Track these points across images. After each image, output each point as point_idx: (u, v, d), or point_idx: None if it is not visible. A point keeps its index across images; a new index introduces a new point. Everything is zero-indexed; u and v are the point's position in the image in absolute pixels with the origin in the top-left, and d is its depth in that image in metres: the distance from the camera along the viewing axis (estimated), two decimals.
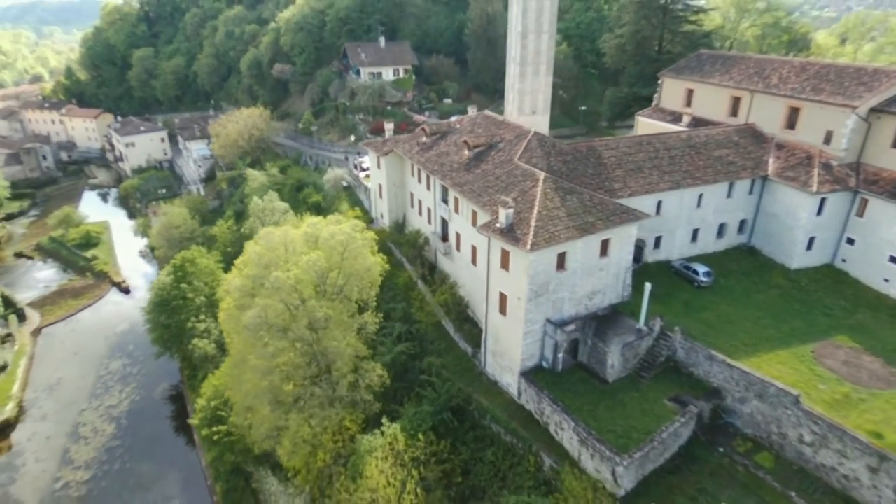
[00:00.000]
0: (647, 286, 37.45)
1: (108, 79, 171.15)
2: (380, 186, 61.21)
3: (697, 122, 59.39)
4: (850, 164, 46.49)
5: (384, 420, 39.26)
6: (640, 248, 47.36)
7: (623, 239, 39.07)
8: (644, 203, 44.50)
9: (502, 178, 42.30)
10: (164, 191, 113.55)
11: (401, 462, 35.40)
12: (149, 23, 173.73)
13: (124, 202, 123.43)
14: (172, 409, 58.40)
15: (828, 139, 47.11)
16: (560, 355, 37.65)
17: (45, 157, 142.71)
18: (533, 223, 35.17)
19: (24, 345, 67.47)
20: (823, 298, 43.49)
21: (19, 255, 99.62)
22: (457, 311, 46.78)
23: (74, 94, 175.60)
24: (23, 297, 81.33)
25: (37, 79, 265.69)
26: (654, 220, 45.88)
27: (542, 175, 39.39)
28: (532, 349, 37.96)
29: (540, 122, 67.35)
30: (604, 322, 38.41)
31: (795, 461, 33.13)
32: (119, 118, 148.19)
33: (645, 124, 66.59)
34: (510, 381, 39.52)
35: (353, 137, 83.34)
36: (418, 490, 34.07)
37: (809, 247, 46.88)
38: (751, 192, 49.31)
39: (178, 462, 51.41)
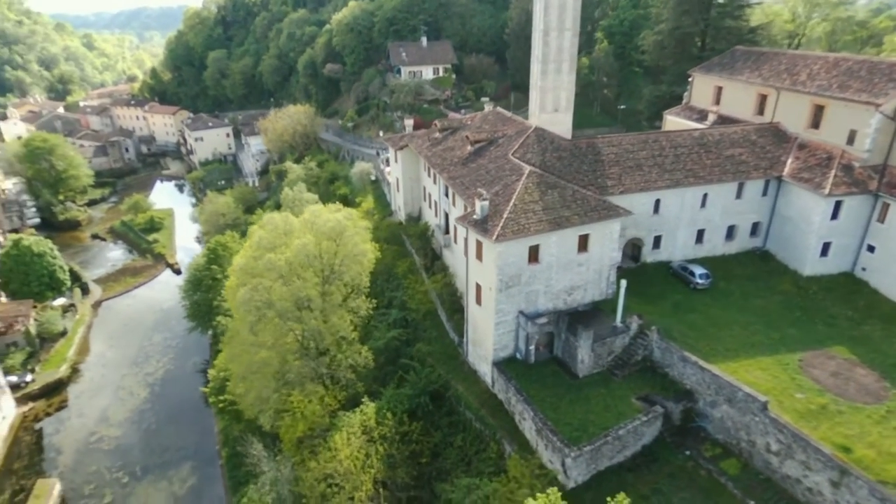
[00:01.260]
0: (623, 283, 37.12)
1: (187, 78, 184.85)
2: (397, 180, 63.39)
3: (724, 121, 57.07)
4: (874, 166, 43.40)
5: (365, 399, 41.28)
6: (638, 246, 46.71)
7: (604, 235, 38.82)
8: (639, 201, 43.85)
9: (492, 172, 43.11)
10: (223, 182, 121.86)
11: (370, 438, 37.21)
12: (224, 26, 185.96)
13: (194, 192, 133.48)
14: (201, 380, 63.29)
15: (851, 139, 44.26)
16: (531, 347, 38.05)
17: (127, 150, 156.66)
18: (505, 215, 35.87)
19: (85, 315, 75.45)
20: (830, 307, 41.02)
21: (95, 237, 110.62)
22: (450, 301, 48.03)
23: (157, 93, 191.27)
24: (91, 273, 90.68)
25: (132, 79, 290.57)
26: (652, 218, 45.19)
27: (527, 170, 39.85)
28: (505, 340, 38.59)
29: (563, 120, 66.99)
30: (579, 317, 38.38)
31: (763, 470, 31.85)
32: (191, 115, 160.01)
33: (672, 122, 64.74)
34: (486, 370, 40.31)
35: (381, 133, 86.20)
36: (381, 465, 35.74)
37: (825, 253, 44.21)
38: (765, 194, 47.11)
39: (197, 428, 55.91)
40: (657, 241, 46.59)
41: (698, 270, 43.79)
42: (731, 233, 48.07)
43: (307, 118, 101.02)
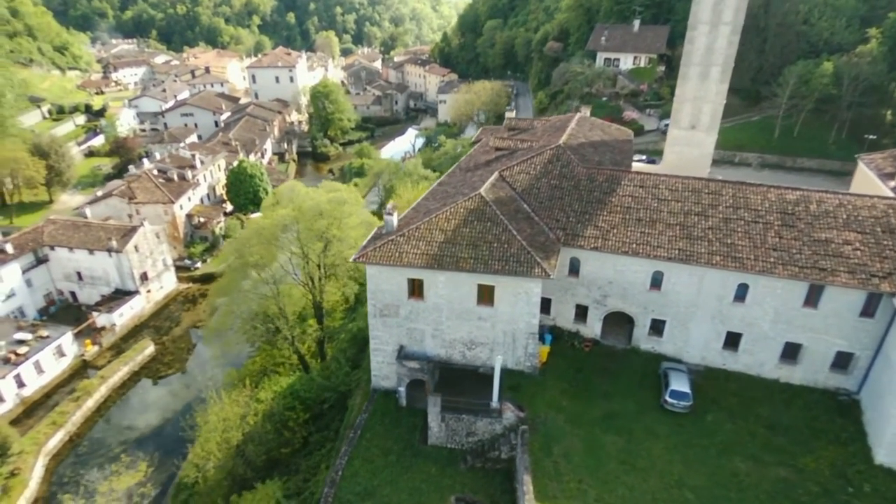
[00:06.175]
0: (499, 359, 29.19)
1: (467, 44, 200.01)
2: None
3: None
4: None
5: (293, 372, 43.08)
6: (631, 323, 35.15)
7: (516, 294, 30.71)
8: (629, 267, 32.78)
9: (467, 186, 37.76)
10: (436, 144, 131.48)
11: (254, 411, 39.13)
12: None
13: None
14: None
15: None
16: (401, 389, 33.55)
17: (396, 102, 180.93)
18: (390, 237, 31.75)
19: None
20: None
21: (330, 171, 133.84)
22: None
23: (444, 56, 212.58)
24: None
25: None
26: (648, 294, 33.39)
27: (478, 193, 33.73)
28: (386, 370, 34.82)
29: (702, 142, 51.72)
30: (456, 377, 31.95)
31: None
32: (445, 79, 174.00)
33: (862, 174, 44.05)
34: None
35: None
36: (239, 433, 37.42)
37: None
38: (867, 314, 29.41)
39: None
40: (657, 327, 34.05)
41: (675, 385, 30.78)
42: (792, 353, 31.74)
43: (489, 95, 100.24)
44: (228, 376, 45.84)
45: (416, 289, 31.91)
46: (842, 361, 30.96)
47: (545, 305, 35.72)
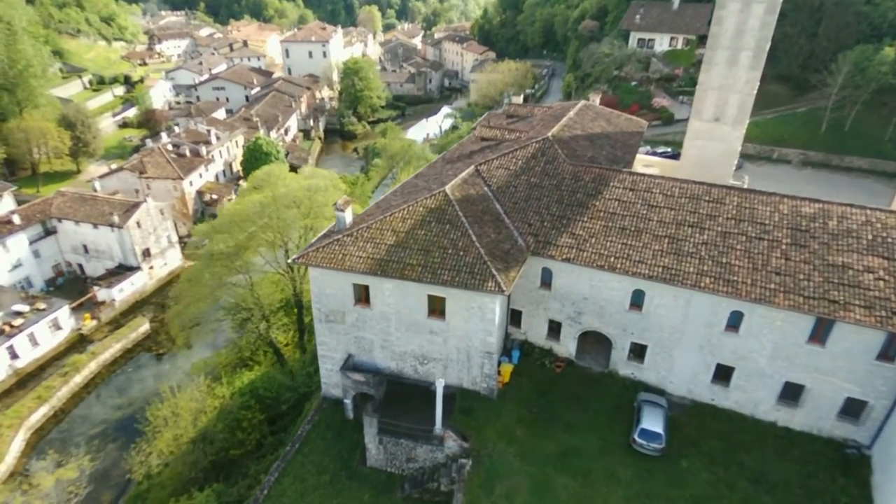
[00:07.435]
0: (440, 382, 25.88)
1: (507, 21, 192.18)
2: None
3: None
4: None
5: (257, 368, 41.13)
6: (610, 344, 31.08)
7: (469, 309, 27.19)
8: (606, 283, 28.55)
9: (436, 181, 34.15)
10: (457, 126, 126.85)
11: (210, 407, 37.37)
12: None
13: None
14: None
15: None
16: (348, 401, 30.82)
17: (430, 81, 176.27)
18: (337, 237, 28.67)
19: None
20: None
21: (354, 150, 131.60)
22: None
23: (484, 33, 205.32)
24: None
25: None
26: (628, 315, 29.20)
27: (442, 190, 30.15)
28: (335, 379, 32.06)
29: (726, 136, 46.02)
30: (408, 394, 28.92)
31: None
32: (479, 56, 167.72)
33: None
34: None
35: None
36: (191, 431, 35.73)
37: None
38: (888, 359, 24.44)
39: None
40: (638, 351, 29.85)
41: (647, 422, 26.70)
42: (793, 395, 27.07)
43: (514, 76, 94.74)
44: (195, 368, 44.36)
45: (363, 295, 28.86)
46: (852, 409, 26.14)
47: (516, 318, 32.16)
